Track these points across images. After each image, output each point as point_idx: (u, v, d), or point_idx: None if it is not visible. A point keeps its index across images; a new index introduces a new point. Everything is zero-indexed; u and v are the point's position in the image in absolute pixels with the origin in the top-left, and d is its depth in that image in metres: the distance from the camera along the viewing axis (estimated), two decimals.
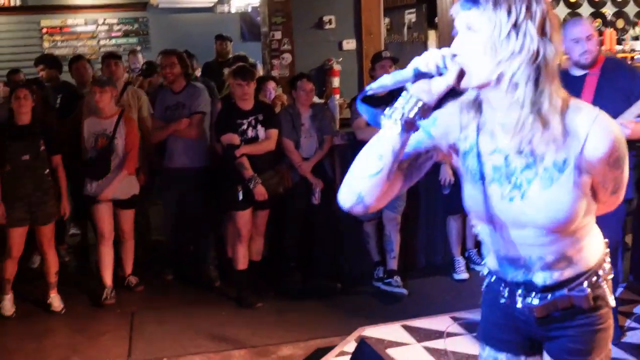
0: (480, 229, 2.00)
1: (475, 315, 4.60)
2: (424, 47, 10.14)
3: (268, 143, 5.07)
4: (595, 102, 3.74)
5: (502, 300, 2.02)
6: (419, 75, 1.72)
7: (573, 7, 8.12)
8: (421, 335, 4.38)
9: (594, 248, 1.95)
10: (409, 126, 1.75)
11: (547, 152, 1.75)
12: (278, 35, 7.65)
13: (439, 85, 1.71)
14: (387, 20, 10.92)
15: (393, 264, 5.25)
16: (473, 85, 1.73)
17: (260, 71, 7.59)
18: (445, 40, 7.78)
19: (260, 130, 5.05)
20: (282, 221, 5.41)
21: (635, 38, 8.22)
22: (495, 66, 1.67)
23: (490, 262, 2.06)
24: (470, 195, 1.92)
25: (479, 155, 1.86)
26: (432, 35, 9.84)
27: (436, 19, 8.41)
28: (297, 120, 5.23)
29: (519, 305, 1.97)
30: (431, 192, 5.54)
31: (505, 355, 2.10)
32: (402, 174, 1.92)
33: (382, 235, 5.33)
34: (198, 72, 7.32)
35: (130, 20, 12.60)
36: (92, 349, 4.57)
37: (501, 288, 2.02)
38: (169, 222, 5.64)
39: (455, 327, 4.49)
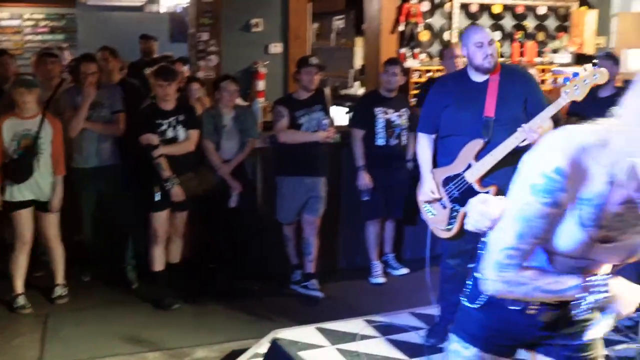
0: (539, 258, 1.94)
1: (389, 319, 4.69)
2: (351, 54, 10.27)
3: (188, 144, 5.04)
4: (498, 105, 3.88)
5: (516, 307, 2.06)
6: None
7: (496, 19, 8.33)
8: (335, 337, 4.41)
9: None
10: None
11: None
12: (205, 36, 7.62)
13: None
14: (315, 25, 11.01)
15: (311, 267, 5.29)
16: None
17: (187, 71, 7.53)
18: (372, 46, 7.91)
19: (181, 131, 5.02)
20: (203, 222, 5.39)
21: (555, 51, 8.50)
22: None
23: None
24: (567, 234, 1.82)
25: (603, 204, 1.73)
26: (359, 42, 9.97)
27: (363, 26, 8.52)
28: (219, 121, 5.22)
29: (530, 311, 2.03)
30: (351, 197, 5.60)
31: (491, 357, 2.17)
32: None
33: (301, 238, 5.37)
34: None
35: (57, 17, 12.36)
36: (3, 354, 4.45)
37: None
38: (87, 223, 5.54)
39: (369, 330, 4.55)
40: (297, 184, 5.24)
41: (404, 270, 5.77)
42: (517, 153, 3.90)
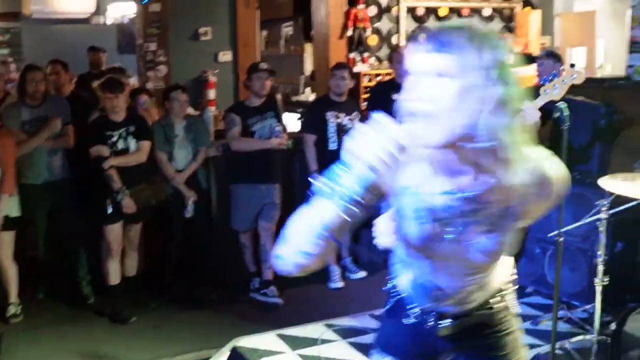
0: (403, 254, 1.97)
1: (349, 322, 4.71)
2: (301, 60, 10.29)
3: (139, 155, 4.99)
4: None
5: (410, 321, 2.04)
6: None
7: (443, 21, 8.45)
8: (295, 343, 4.42)
9: (500, 270, 2.00)
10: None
11: (492, 200, 1.72)
12: (153, 46, 7.55)
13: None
14: (264, 33, 11.00)
15: (268, 275, 5.27)
16: (444, 141, 1.61)
17: (135, 83, 7.46)
18: (321, 52, 7.94)
19: (132, 142, 4.96)
20: (159, 233, 5.33)
21: None
22: (467, 116, 1.58)
23: (402, 283, 2.05)
24: (408, 230, 1.85)
25: (421, 194, 1.78)
26: (308, 48, 9.99)
27: (312, 32, 8.54)
28: (171, 131, 5.18)
29: (427, 325, 2.02)
30: (306, 203, 5.59)
31: None
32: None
33: (258, 245, 5.35)
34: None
35: (1, 31, 12.08)
36: None
37: (409, 308, 2.04)
38: (41, 238, 5.42)
39: (329, 334, 4.56)
40: (252, 192, 5.23)
41: (362, 274, 5.80)
42: None
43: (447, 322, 2.00)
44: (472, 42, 1.56)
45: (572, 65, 3.92)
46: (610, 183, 3.59)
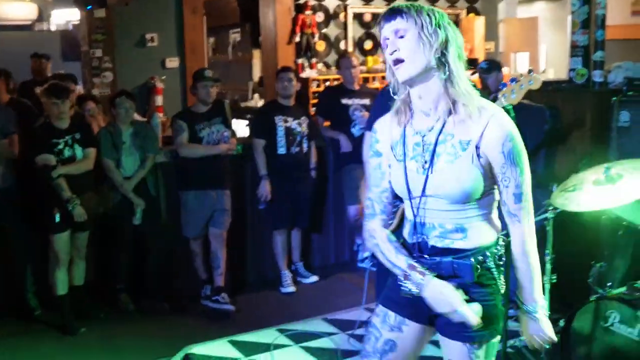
0: (404, 205, 2.33)
1: (302, 327, 4.70)
2: (249, 66, 10.27)
3: (86, 162, 4.90)
4: None
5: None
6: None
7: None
8: (248, 349, 4.40)
9: (487, 233, 2.22)
10: None
11: (454, 132, 2.14)
12: (99, 53, 7.46)
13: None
14: (212, 39, 10.95)
15: (220, 281, 5.23)
16: (414, 72, 2.10)
17: (81, 90, 7.33)
18: (269, 58, 7.94)
19: (78, 150, 4.87)
20: (109, 242, 5.24)
21: None
22: (429, 55, 2.08)
23: (404, 231, 2.35)
24: (394, 174, 2.27)
25: (404, 139, 2.23)
26: (256, 54, 9.98)
27: (260, 38, 8.54)
28: (118, 138, 5.10)
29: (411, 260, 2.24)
30: (257, 208, 5.59)
31: (395, 316, 2.32)
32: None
33: (209, 252, 5.30)
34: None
35: None
36: None
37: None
38: None
39: (282, 339, 4.55)
40: (201, 198, 5.19)
41: (314, 278, 5.80)
42: None
43: (426, 258, 2.21)
44: (413, 8, 2.10)
45: (530, 71, 3.99)
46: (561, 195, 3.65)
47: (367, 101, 5.66)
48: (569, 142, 5.05)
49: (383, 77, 8.30)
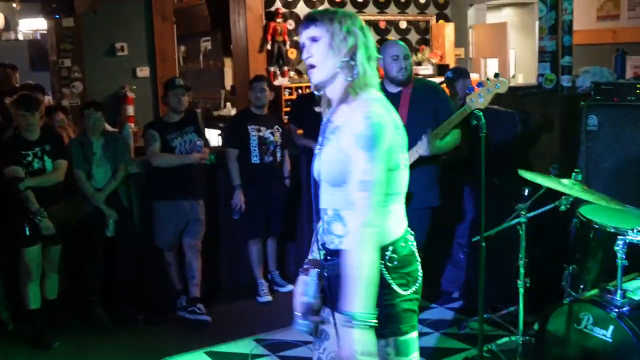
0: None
1: (279, 336, 4.68)
2: (221, 75, 10.24)
3: (56, 174, 4.84)
4: (410, 114, 4.17)
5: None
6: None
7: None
8: None
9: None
10: None
11: (335, 119, 2.28)
12: (68, 62, 7.39)
13: None
14: (182, 47, 10.91)
15: (195, 291, 5.19)
16: (323, 78, 2.26)
17: (50, 100, 7.25)
18: (241, 66, 7.92)
19: (48, 161, 4.81)
20: (81, 253, 5.18)
21: (418, 63, 8.84)
22: (338, 61, 2.23)
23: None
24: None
25: (322, 127, 2.37)
26: (228, 62, 9.95)
27: (231, 47, 8.52)
28: (89, 149, 5.05)
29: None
30: (231, 218, 5.56)
31: (324, 308, 2.35)
32: None
33: (184, 262, 5.27)
34: None
35: None
36: None
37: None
38: None
39: (259, 349, 4.53)
40: (175, 208, 5.15)
41: (290, 287, 5.78)
42: (427, 158, 4.15)
43: (329, 260, 2.28)
44: (327, 16, 2.25)
45: (497, 75, 4.04)
46: (529, 177, 3.71)
47: None
48: (539, 146, 5.10)
49: None
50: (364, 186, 2.11)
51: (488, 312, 4.52)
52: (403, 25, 9.00)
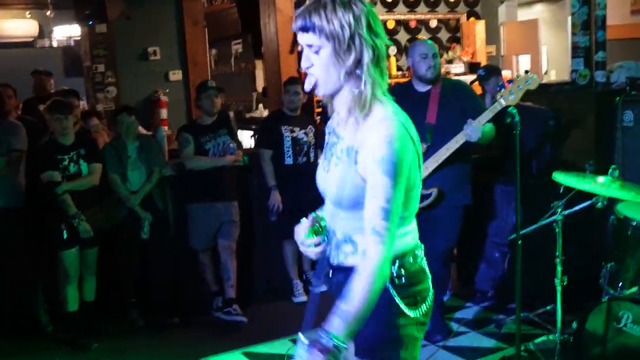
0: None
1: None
2: (252, 77, 10.29)
3: (91, 178, 4.92)
4: (439, 113, 4.15)
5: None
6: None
7: (391, 34, 8.54)
8: None
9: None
10: None
11: (344, 135, 2.05)
12: (101, 68, 7.48)
13: None
14: (214, 51, 10.97)
15: (231, 292, 5.22)
16: (327, 92, 2.02)
17: (84, 106, 7.36)
18: (272, 68, 7.95)
19: (83, 165, 4.89)
20: (116, 257, 5.24)
21: (449, 61, 8.79)
22: (342, 74, 1.95)
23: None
24: (318, 166, 2.21)
25: (326, 138, 2.21)
26: (259, 64, 9.98)
27: (262, 49, 8.55)
28: (123, 153, 5.11)
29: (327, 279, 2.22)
30: (265, 219, 5.58)
31: None
32: None
33: (219, 264, 5.30)
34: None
35: None
36: None
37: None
38: None
39: (295, 349, 4.53)
40: (208, 210, 5.19)
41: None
42: (457, 156, 4.13)
43: (332, 275, 2.17)
44: (326, 17, 1.91)
45: (527, 72, 4.02)
46: (564, 180, 3.67)
47: None
48: (573, 143, 5.06)
49: (397, 84, 8.31)
50: (386, 215, 1.89)
51: (525, 311, 4.48)
52: (433, 24, 8.94)
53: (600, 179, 3.54)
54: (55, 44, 11.59)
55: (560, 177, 3.69)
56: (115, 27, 7.47)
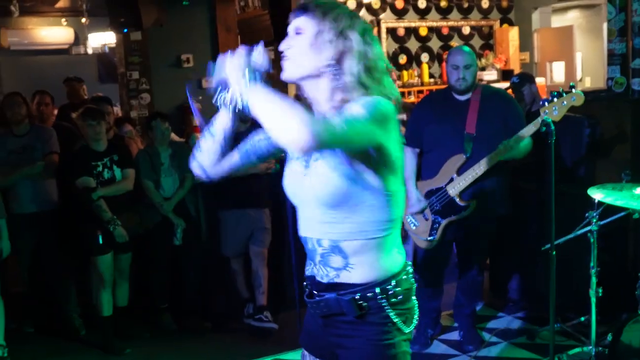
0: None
1: None
2: (284, 83, 10.31)
3: (125, 183, 4.98)
4: (479, 122, 4.11)
5: (305, 298, 2.17)
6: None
7: (423, 41, 8.52)
8: None
9: (377, 266, 2.02)
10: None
11: None
12: (136, 75, 7.56)
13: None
14: None
15: (262, 299, 5.22)
16: (295, 76, 2.01)
17: (118, 112, 7.44)
18: None
19: (117, 171, 4.95)
20: (148, 262, 5.29)
21: (482, 69, 8.74)
22: (317, 62, 1.97)
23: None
24: (285, 175, 2.18)
25: None
26: None
27: None
28: (157, 159, 5.16)
29: (307, 298, 2.13)
30: (296, 225, 5.56)
31: (308, 355, 2.23)
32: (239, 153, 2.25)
33: (250, 270, 5.32)
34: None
35: None
36: None
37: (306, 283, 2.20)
38: (25, 272, 5.35)
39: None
40: (240, 217, 5.20)
41: None
42: (498, 169, 4.08)
43: (318, 294, 2.08)
44: (322, 9, 1.98)
45: (572, 87, 3.96)
46: (600, 193, 3.62)
47: (403, 116, 5.64)
48: (609, 152, 4.98)
49: (418, 92, 8.30)
50: (346, 121, 1.79)
51: (558, 322, 4.42)
52: (466, 30, 8.92)
53: (638, 190, 3.49)
54: (90, 51, 11.75)
55: (595, 193, 3.63)
56: (149, 35, 7.55)
